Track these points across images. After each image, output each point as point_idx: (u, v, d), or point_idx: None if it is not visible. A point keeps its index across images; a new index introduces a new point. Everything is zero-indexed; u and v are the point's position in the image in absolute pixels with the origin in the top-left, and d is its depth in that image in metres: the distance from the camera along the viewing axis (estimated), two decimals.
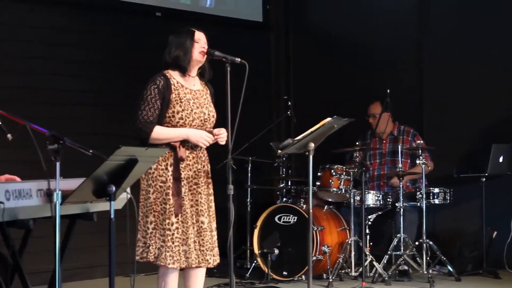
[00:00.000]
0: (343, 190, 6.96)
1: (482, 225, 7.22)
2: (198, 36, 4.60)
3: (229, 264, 4.53)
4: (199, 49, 4.58)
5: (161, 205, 4.46)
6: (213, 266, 4.63)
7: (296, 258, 6.80)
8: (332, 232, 7.01)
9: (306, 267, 6.08)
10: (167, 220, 4.42)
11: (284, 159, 7.37)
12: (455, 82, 7.72)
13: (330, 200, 7.22)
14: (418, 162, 6.85)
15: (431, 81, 7.88)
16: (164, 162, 4.48)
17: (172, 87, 4.52)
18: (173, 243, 4.41)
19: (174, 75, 4.58)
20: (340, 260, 6.80)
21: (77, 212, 4.10)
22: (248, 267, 7.20)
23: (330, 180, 6.96)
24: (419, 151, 6.84)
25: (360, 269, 6.73)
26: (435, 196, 7.02)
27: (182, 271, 4.60)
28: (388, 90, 6.93)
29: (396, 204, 6.89)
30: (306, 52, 8.80)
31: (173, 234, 4.42)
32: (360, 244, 6.77)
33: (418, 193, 6.94)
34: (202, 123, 4.58)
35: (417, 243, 6.81)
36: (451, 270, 6.83)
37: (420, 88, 7.97)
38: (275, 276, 6.86)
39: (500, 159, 7.21)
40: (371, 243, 7.01)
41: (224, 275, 6.54)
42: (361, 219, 6.81)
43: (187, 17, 7.86)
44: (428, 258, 6.75)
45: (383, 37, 8.17)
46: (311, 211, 5.21)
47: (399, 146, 7.18)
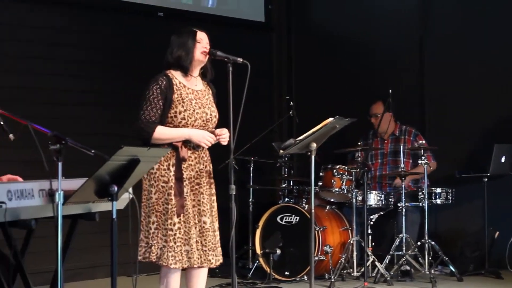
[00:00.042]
0: (345, 190, 6.95)
1: (484, 225, 7.22)
2: (200, 36, 4.60)
3: (231, 264, 4.54)
4: (201, 49, 4.57)
5: (163, 205, 4.45)
6: (215, 266, 4.63)
7: (298, 258, 6.79)
8: (334, 232, 7.01)
9: (308, 267, 6.10)
10: (169, 220, 4.42)
11: (286, 159, 7.36)
12: (457, 82, 7.71)
13: (332, 200, 7.21)
14: (420, 162, 6.84)
15: (432, 81, 7.87)
16: (166, 162, 4.48)
17: (174, 87, 4.51)
18: (175, 243, 4.41)
19: (176, 75, 4.57)
20: (342, 260, 6.78)
21: (79, 212, 4.10)
22: (250, 267, 7.19)
23: (332, 180, 6.96)
24: (421, 151, 6.84)
25: (362, 269, 6.72)
26: (437, 196, 7.00)
27: (184, 271, 4.60)
28: (390, 90, 6.92)
29: (398, 204, 6.88)
30: (308, 52, 8.80)
31: (175, 234, 4.41)
32: (362, 244, 6.75)
33: (420, 193, 6.92)
34: (204, 123, 4.57)
35: (419, 243, 6.79)
36: (453, 270, 6.82)
37: (421, 88, 7.97)
38: (277, 276, 6.85)
39: (502, 159, 7.20)
40: (373, 243, 7.00)
41: (226, 275, 6.56)
42: (363, 219, 6.81)
43: (189, 17, 7.86)
44: (430, 258, 6.73)
45: (385, 37, 8.17)
46: (313, 211, 5.22)
47: (401, 146, 7.16)
